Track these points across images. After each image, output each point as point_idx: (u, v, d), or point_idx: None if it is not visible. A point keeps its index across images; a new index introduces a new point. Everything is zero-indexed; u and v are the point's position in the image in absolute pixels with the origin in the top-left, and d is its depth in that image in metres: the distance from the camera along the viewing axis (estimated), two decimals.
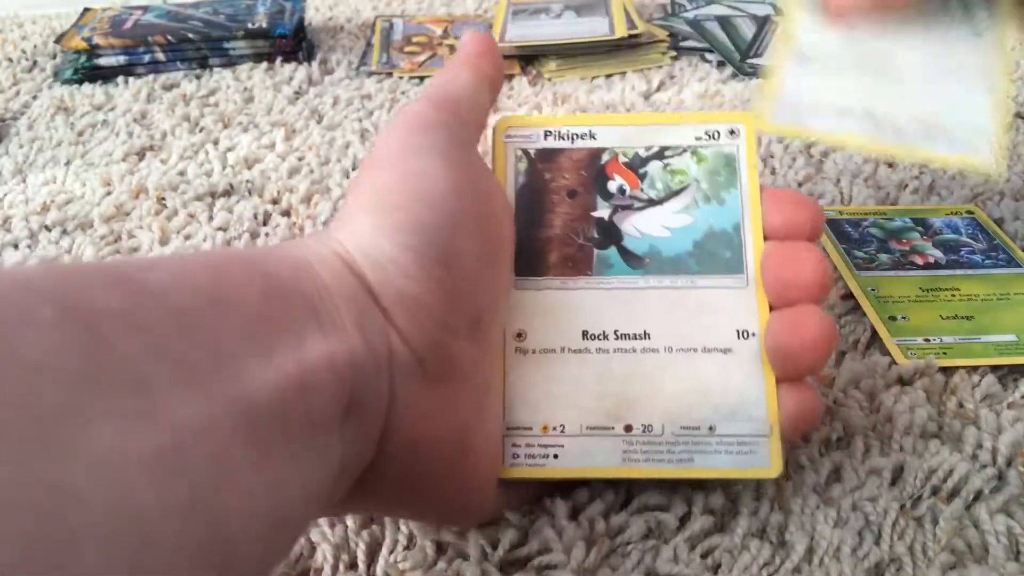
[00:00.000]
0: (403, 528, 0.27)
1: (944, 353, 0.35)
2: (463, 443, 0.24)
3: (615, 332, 0.27)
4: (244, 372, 0.18)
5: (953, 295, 0.38)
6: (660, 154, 0.29)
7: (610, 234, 0.28)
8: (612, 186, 0.29)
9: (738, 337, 0.27)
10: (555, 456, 0.26)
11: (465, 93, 0.26)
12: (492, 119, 0.29)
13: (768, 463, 0.26)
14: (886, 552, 0.26)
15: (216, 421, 0.16)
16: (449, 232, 0.22)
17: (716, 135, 0.29)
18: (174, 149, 0.54)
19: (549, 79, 0.63)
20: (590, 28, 0.66)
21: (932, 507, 0.28)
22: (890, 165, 0.49)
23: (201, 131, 0.56)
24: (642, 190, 0.29)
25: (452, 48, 0.69)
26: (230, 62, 0.66)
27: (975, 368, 0.34)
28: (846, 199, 0.46)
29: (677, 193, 0.29)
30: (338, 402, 0.20)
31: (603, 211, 0.29)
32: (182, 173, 0.51)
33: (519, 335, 0.27)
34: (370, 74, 0.65)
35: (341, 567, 0.26)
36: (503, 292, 0.26)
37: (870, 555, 0.26)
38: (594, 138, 0.29)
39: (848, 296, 0.38)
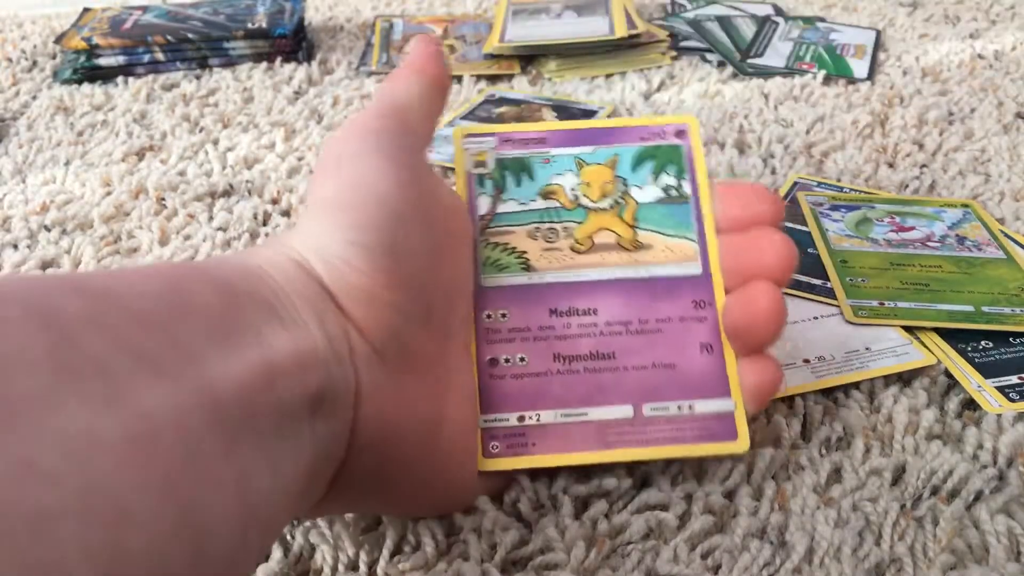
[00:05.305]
0: (403, 529, 0.27)
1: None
2: (433, 432, 0.25)
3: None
4: (207, 366, 0.18)
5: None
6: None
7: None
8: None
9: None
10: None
11: (410, 100, 0.27)
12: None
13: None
14: (886, 553, 0.26)
15: (183, 409, 0.17)
16: (393, 226, 0.23)
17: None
18: (174, 149, 0.54)
19: (549, 79, 0.63)
20: (590, 28, 0.66)
21: (932, 507, 0.28)
22: (890, 165, 0.49)
23: (201, 131, 0.56)
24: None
25: (452, 48, 0.69)
26: (230, 62, 0.66)
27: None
28: None
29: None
30: (305, 394, 0.21)
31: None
32: (182, 173, 0.51)
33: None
34: (370, 74, 0.65)
35: (341, 567, 0.26)
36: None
37: (870, 556, 0.26)
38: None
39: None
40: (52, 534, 0.14)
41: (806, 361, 0.34)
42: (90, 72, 0.64)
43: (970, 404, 0.32)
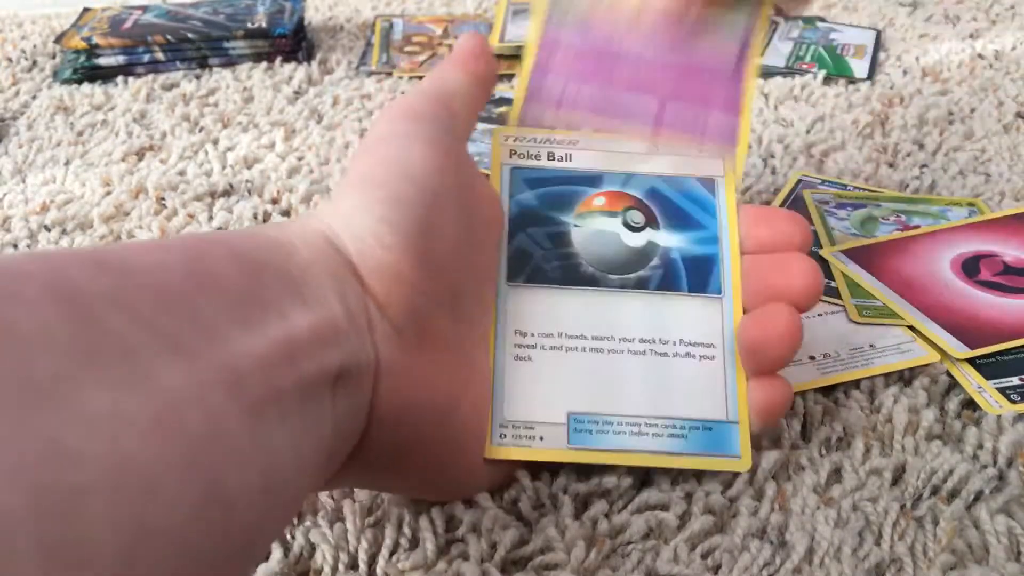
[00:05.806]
0: (404, 528, 0.27)
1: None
2: (448, 414, 0.25)
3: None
4: (229, 342, 0.18)
5: None
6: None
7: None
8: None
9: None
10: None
11: (457, 89, 0.27)
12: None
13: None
14: (887, 553, 0.26)
15: (205, 387, 0.17)
16: (427, 205, 0.23)
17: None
18: (174, 149, 0.54)
19: None
20: None
21: (932, 507, 0.28)
22: (891, 165, 0.49)
23: (201, 131, 0.56)
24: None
25: (452, 48, 0.69)
26: (230, 62, 0.66)
27: None
28: None
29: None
30: (327, 370, 0.21)
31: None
32: (182, 173, 0.51)
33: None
34: (370, 74, 0.65)
35: (341, 567, 0.26)
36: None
37: (871, 556, 0.26)
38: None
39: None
40: (80, 512, 0.14)
41: (812, 358, 0.34)
42: (90, 72, 0.64)
43: (970, 404, 0.32)
